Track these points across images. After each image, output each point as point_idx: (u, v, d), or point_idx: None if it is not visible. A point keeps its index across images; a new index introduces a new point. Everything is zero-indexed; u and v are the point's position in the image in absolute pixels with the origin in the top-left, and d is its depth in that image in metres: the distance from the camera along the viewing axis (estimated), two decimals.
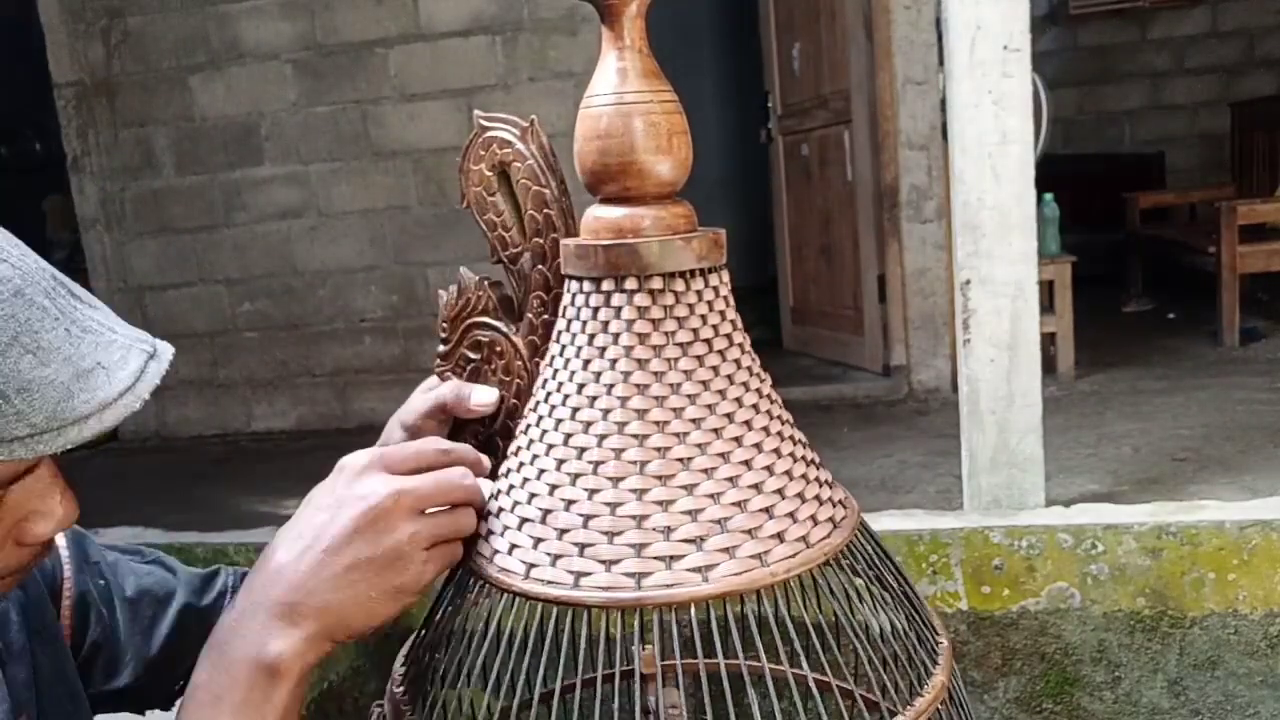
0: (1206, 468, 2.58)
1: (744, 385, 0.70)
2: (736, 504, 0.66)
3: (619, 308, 0.69)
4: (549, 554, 0.67)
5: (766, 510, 0.67)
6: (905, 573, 0.77)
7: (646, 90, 0.69)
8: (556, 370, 0.72)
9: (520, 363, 0.82)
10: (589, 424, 0.68)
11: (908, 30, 3.61)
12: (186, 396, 4.32)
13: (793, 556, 0.66)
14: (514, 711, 0.78)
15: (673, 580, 0.64)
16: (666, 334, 0.69)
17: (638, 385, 0.68)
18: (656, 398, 0.68)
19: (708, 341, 0.69)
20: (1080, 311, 3.67)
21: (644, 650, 0.85)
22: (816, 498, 0.70)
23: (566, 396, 0.70)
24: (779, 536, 0.66)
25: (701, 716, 0.66)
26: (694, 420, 0.67)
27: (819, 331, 4.31)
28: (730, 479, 0.67)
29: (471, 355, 0.84)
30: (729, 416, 0.68)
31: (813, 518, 0.68)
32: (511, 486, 0.72)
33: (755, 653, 0.69)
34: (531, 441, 0.72)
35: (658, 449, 0.67)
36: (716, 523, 0.65)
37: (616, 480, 0.67)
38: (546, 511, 0.68)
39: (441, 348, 0.85)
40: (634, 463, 0.67)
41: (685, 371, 0.68)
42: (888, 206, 3.74)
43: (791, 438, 0.72)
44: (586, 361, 0.70)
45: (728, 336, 0.71)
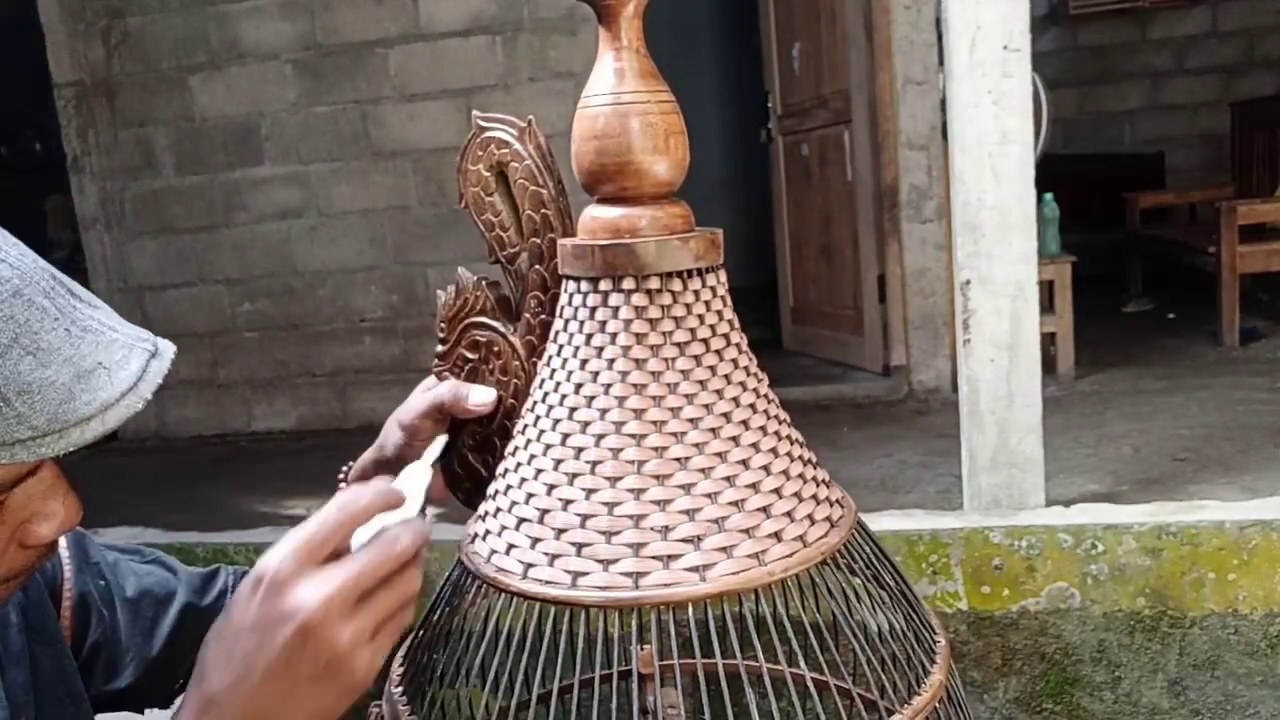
0: (1206, 468, 2.57)
1: (741, 385, 0.70)
2: (734, 503, 0.66)
3: (616, 307, 0.69)
4: (546, 554, 0.67)
5: (764, 509, 0.67)
6: (903, 572, 0.77)
7: (644, 91, 0.69)
8: (554, 370, 0.72)
9: (518, 363, 0.82)
10: (586, 423, 0.68)
11: (908, 30, 3.61)
12: (186, 396, 4.31)
13: (790, 556, 0.66)
14: (512, 712, 0.78)
15: (670, 580, 0.64)
16: (664, 334, 0.69)
17: (635, 385, 0.68)
18: (654, 397, 0.68)
19: (705, 341, 0.70)
20: (1080, 311, 3.66)
21: (642, 650, 0.85)
22: (813, 497, 0.70)
23: (564, 396, 0.70)
24: (776, 536, 0.66)
25: (700, 716, 0.66)
26: (691, 419, 0.67)
27: (819, 331, 4.31)
28: (728, 478, 0.67)
29: (469, 355, 0.84)
30: (726, 416, 0.68)
31: (810, 517, 0.68)
32: (509, 486, 0.72)
33: (754, 652, 0.69)
34: (529, 441, 0.72)
35: (655, 448, 0.67)
36: (714, 522, 0.65)
37: (614, 480, 0.67)
38: (544, 511, 0.68)
39: (439, 348, 0.85)
40: (631, 462, 0.67)
41: (682, 371, 0.68)
42: (888, 206, 3.74)
43: (789, 437, 0.72)
44: (584, 361, 0.70)
45: (725, 336, 0.71)
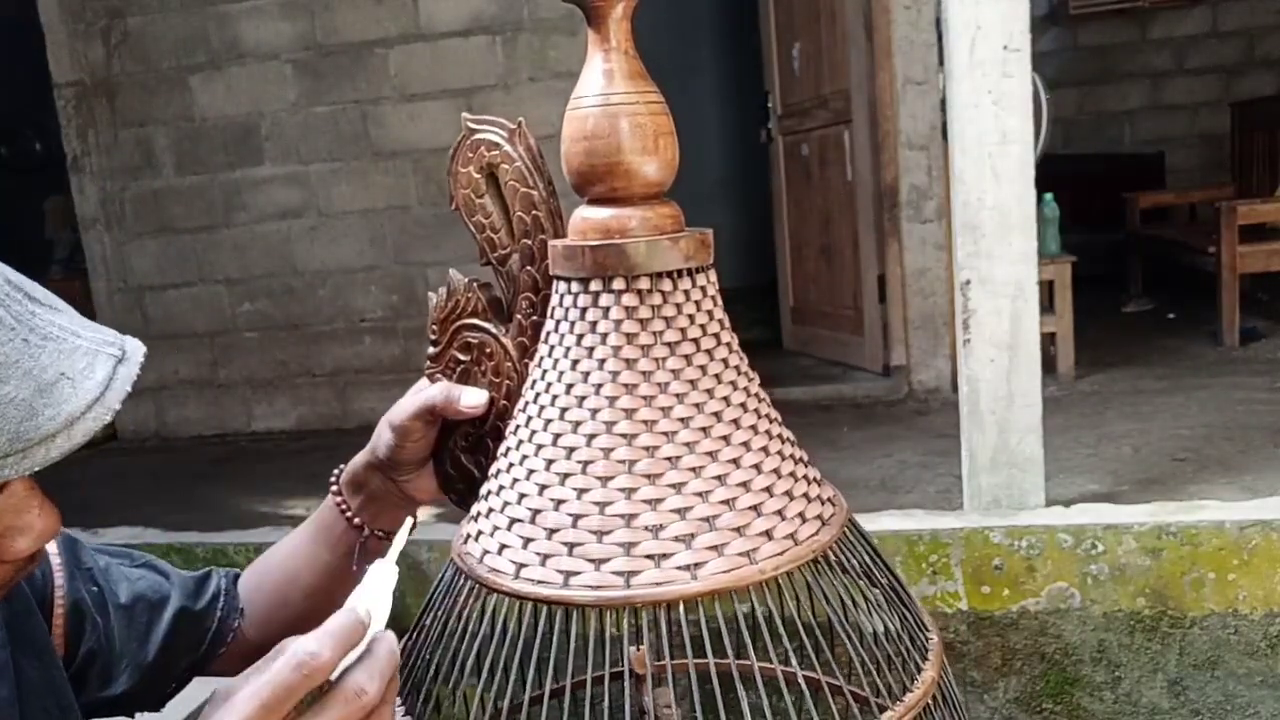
0: (1206, 468, 2.57)
1: (732, 384, 0.70)
2: (725, 502, 0.66)
3: (607, 308, 0.69)
4: (539, 553, 0.67)
5: (755, 508, 0.67)
6: (895, 570, 0.77)
7: (633, 92, 0.69)
8: (545, 371, 0.72)
9: (509, 364, 0.82)
10: (578, 424, 0.69)
11: (908, 30, 3.61)
12: (186, 396, 4.32)
13: (781, 554, 0.66)
14: (505, 713, 0.78)
15: (662, 578, 0.64)
16: (654, 333, 0.69)
17: (626, 385, 0.68)
18: (644, 397, 0.68)
19: (695, 341, 0.70)
20: (1080, 311, 3.66)
21: (636, 650, 0.85)
22: (805, 495, 0.70)
23: (555, 397, 0.70)
24: (767, 534, 0.66)
25: (694, 716, 0.66)
26: (682, 419, 0.68)
27: (819, 331, 4.31)
28: (718, 477, 0.67)
29: (461, 357, 0.84)
30: (717, 415, 0.69)
31: (801, 515, 0.69)
32: (501, 487, 0.72)
33: (746, 651, 0.69)
34: (521, 442, 0.72)
35: (646, 448, 0.67)
36: (705, 520, 0.66)
37: (605, 479, 0.67)
38: (536, 511, 0.68)
39: (431, 349, 0.85)
40: (622, 461, 0.67)
41: (673, 370, 0.68)
42: (888, 206, 3.74)
43: (780, 436, 0.72)
44: (575, 362, 0.70)
45: (715, 336, 0.71)
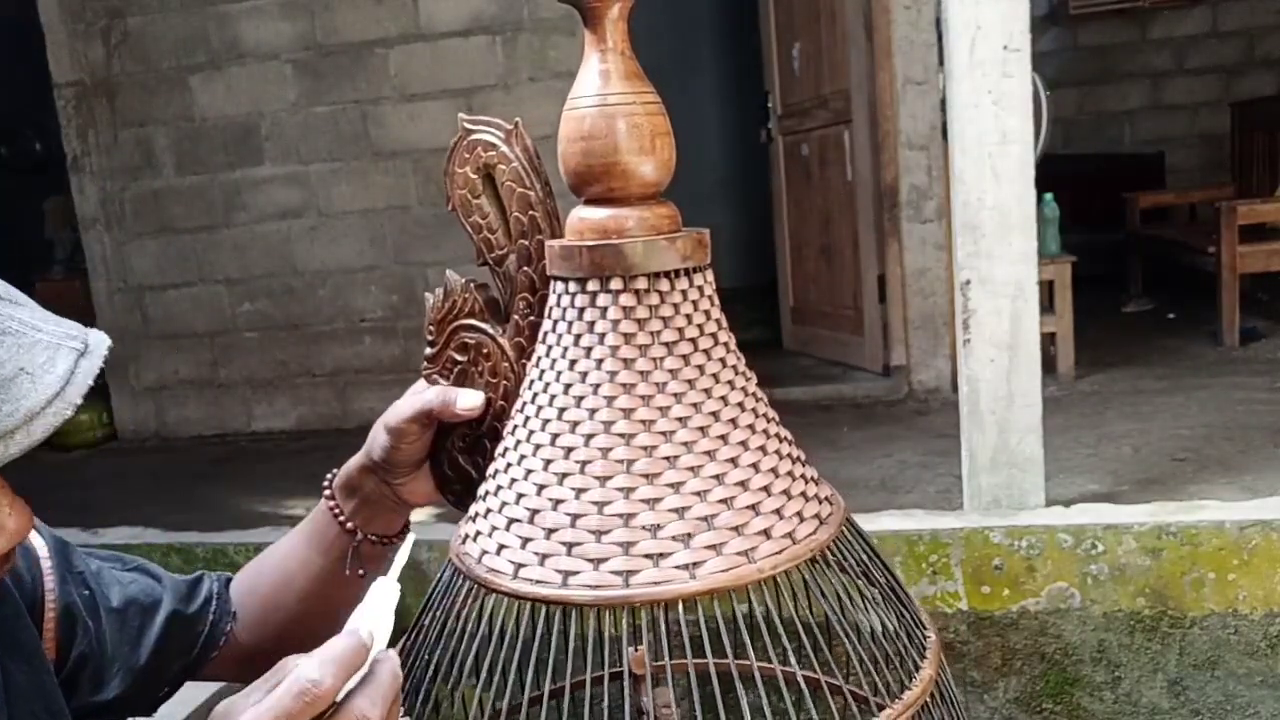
0: (1206, 468, 2.57)
1: (729, 384, 0.70)
2: (723, 501, 0.66)
3: (604, 308, 0.69)
4: (537, 553, 0.67)
5: (753, 507, 0.67)
6: (892, 568, 0.77)
7: (629, 92, 0.69)
8: (543, 371, 0.72)
9: (507, 364, 0.82)
10: (576, 423, 0.69)
11: (908, 30, 3.61)
12: (186, 396, 4.32)
13: (779, 553, 0.66)
14: (504, 714, 0.78)
15: (660, 578, 0.64)
16: (652, 333, 0.69)
17: (624, 384, 0.68)
18: (642, 396, 0.68)
19: (693, 340, 0.70)
20: (1080, 311, 3.66)
21: (635, 651, 0.85)
22: (802, 494, 0.70)
23: (553, 397, 0.70)
24: (765, 533, 0.66)
25: (693, 716, 0.66)
26: (680, 418, 0.68)
27: (819, 331, 4.30)
28: (717, 476, 0.67)
29: (458, 357, 0.84)
30: (715, 414, 0.69)
31: (799, 514, 0.69)
32: (499, 487, 0.72)
33: (745, 651, 0.69)
34: (519, 442, 0.72)
35: (644, 447, 0.67)
36: (703, 520, 0.66)
37: (604, 479, 0.67)
38: (534, 511, 0.68)
39: (428, 350, 0.85)
40: (621, 461, 0.67)
41: (671, 370, 0.68)
42: (888, 206, 3.74)
43: (777, 435, 0.72)
44: (573, 362, 0.70)
45: (713, 335, 0.71)
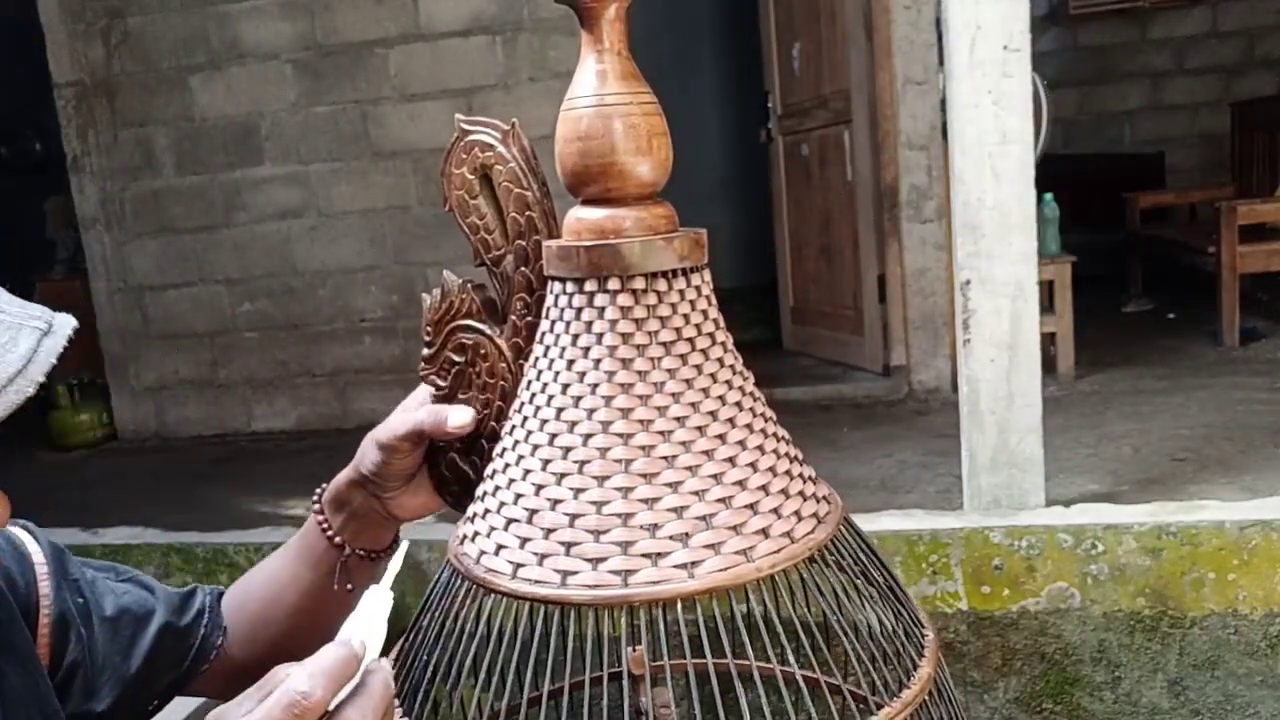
0: (1206, 468, 2.57)
1: (727, 383, 0.71)
2: (721, 500, 0.66)
3: (602, 308, 0.69)
4: (536, 553, 0.67)
5: (751, 506, 0.67)
6: (891, 568, 0.77)
7: (626, 92, 0.69)
8: (541, 371, 0.72)
9: (504, 365, 0.82)
10: (574, 423, 0.69)
11: (908, 30, 3.61)
12: (186, 396, 4.32)
13: (777, 552, 0.66)
14: (504, 714, 0.78)
15: (659, 577, 0.64)
16: (650, 333, 0.69)
17: (622, 384, 0.68)
18: (640, 396, 0.68)
19: (690, 340, 0.70)
20: (1080, 311, 3.66)
21: (634, 651, 0.85)
22: (800, 494, 0.70)
23: (551, 397, 0.70)
24: (763, 532, 0.67)
25: (693, 716, 0.66)
26: (678, 418, 0.68)
27: (819, 331, 4.31)
28: (715, 476, 0.67)
29: (456, 358, 0.84)
30: (713, 414, 0.69)
31: (797, 513, 0.69)
32: (498, 488, 0.72)
33: (744, 650, 0.69)
34: (517, 443, 0.72)
35: (642, 447, 0.67)
36: (702, 519, 0.66)
37: (602, 479, 0.67)
38: (533, 511, 0.68)
39: (426, 351, 0.85)
40: (619, 461, 0.67)
41: (669, 370, 0.68)
42: (888, 206, 3.74)
43: (775, 434, 0.72)
44: (570, 362, 0.70)
45: (710, 335, 0.71)
